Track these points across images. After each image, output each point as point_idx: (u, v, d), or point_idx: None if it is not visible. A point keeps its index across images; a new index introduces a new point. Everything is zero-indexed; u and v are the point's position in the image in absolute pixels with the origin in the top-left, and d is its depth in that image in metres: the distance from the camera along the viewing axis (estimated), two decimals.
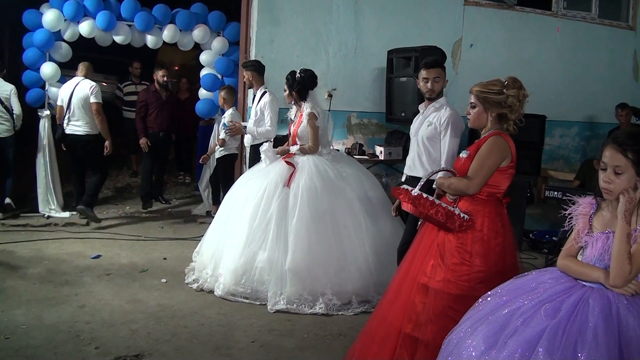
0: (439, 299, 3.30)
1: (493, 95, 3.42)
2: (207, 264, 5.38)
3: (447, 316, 3.21)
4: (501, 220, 3.44)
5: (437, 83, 4.63)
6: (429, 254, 3.45)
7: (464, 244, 3.33)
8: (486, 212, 3.39)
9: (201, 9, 8.09)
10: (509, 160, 3.41)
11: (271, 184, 5.22)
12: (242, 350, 4.15)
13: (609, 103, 8.94)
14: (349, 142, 8.04)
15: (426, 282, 3.37)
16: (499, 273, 3.25)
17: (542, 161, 8.19)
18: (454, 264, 3.32)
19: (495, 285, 2.91)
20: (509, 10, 8.86)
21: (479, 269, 3.29)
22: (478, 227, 3.35)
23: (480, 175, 3.38)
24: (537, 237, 7.08)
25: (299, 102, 5.51)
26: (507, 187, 3.48)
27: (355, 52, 7.97)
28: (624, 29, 9.82)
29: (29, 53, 7.45)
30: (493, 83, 3.45)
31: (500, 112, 3.44)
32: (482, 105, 3.49)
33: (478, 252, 3.31)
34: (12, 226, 7.06)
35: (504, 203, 3.52)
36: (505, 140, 3.41)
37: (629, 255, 2.31)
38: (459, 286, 3.28)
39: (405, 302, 3.44)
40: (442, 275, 3.33)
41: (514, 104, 3.40)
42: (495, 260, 3.33)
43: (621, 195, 2.39)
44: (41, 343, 4.07)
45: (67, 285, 5.24)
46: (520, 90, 3.42)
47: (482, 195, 3.42)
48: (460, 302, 3.20)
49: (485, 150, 3.40)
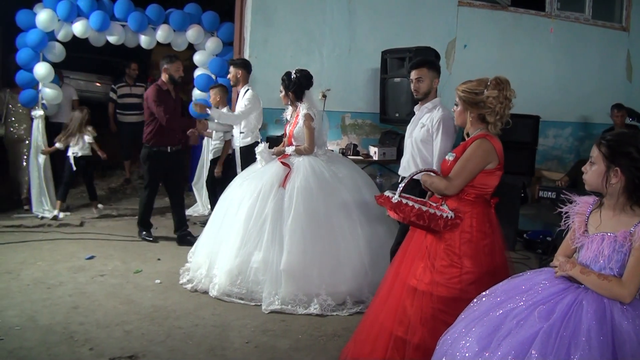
0: (428, 302, 3.28)
1: (472, 95, 3.37)
2: (202, 264, 5.38)
3: (438, 319, 3.21)
4: (489, 220, 3.42)
5: (421, 83, 4.64)
6: (419, 255, 3.42)
7: (451, 245, 3.31)
8: (474, 213, 3.37)
9: (195, 9, 8.07)
10: (495, 163, 3.36)
11: (266, 185, 5.22)
12: (237, 350, 4.15)
13: (602, 104, 8.98)
14: (343, 142, 8.04)
15: (415, 285, 3.35)
16: (489, 274, 3.25)
17: (536, 161, 8.20)
18: (443, 266, 3.30)
19: (485, 286, 2.92)
20: (502, 10, 8.88)
21: (469, 270, 3.27)
22: (466, 229, 3.33)
23: (461, 177, 3.33)
24: (531, 237, 7.10)
25: (295, 103, 5.52)
26: (496, 187, 3.45)
27: (349, 53, 7.98)
28: (618, 29, 9.85)
29: (22, 53, 7.42)
30: (476, 83, 3.40)
31: (480, 113, 3.39)
32: (462, 105, 3.46)
33: (467, 254, 3.29)
34: (6, 227, 7.03)
35: (492, 204, 3.49)
36: (491, 143, 3.35)
37: (609, 279, 2.38)
38: (448, 289, 3.26)
39: (396, 304, 3.43)
40: (430, 277, 3.31)
41: (492, 105, 3.32)
42: (484, 261, 3.31)
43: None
44: (35, 344, 4.05)
45: (60, 286, 5.22)
46: (503, 91, 3.32)
47: (469, 197, 3.39)
48: (450, 304, 3.20)
49: (468, 153, 3.36)
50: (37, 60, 7.46)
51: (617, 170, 2.43)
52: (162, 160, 6.61)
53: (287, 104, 5.65)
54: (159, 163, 6.61)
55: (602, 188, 2.50)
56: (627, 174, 2.42)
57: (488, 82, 3.36)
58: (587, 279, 2.42)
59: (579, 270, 2.46)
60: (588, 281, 2.41)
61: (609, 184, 2.46)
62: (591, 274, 2.42)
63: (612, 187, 2.46)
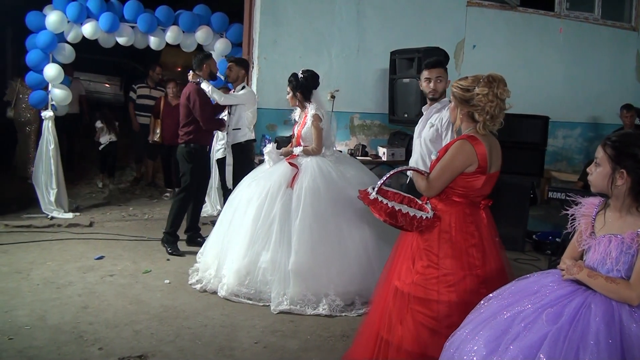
0: (406, 302, 3.22)
1: (460, 91, 3.24)
2: (211, 264, 5.39)
3: (416, 320, 3.17)
4: (474, 221, 3.27)
5: (439, 83, 4.64)
6: (404, 256, 3.37)
7: (430, 246, 3.23)
8: (453, 211, 3.24)
9: (204, 11, 8.10)
10: (475, 166, 3.17)
11: (274, 185, 5.23)
12: (246, 351, 4.15)
13: (612, 104, 8.94)
14: (352, 143, 8.05)
15: (397, 286, 3.30)
16: (477, 277, 3.17)
17: (545, 162, 8.18)
18: (422, 267, 3.23)
19: (473, 290, 2.88)
20: (511, 11, 8.87)
21: (447, 271, 3.16)
22: (445, 228, 3.23)
23: (440, 179, 3.22)
24: (540, 239, 7.07)
25: (304, 103, 5.52)
26: (486, 190, 3.30)
27: (357, 53, 7.98)
28: (627, 29, 9.82)
29: (32, 55, 7.47)
30: (471, 80, 3.24)
31: (469, 111, 3.24)
32: (454, 101, 3.33)
33: (447, 254, 3.19)
34: (16, 227, 7.07)
35: (483, 205, 3.35)
36: (471, 145, 3.16)
37: (617, 282, 2.36)
38: (425, 290, 3.18)
39: (383, 306, 3.39)
40: (411, 278, 3.25)
41: (482, 103, 3.15)
42: (470, 263, 3.19)
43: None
44: (44, 344, 4.07)
45: (70, 286, 5.24)
46: (493, 89, 3.13)
47: (453, 197, 3.27)
48: (426, 306, 3.15)
49: (447, 155, 3.22)
50: (47, 61, 7.50)
51: (623, 172, 2.41)
52: (203, 159, 6.61)
53: (294, 105, 5.65)
54: (201, 162, 6.56)
55: (607, 190, 2.48)
56: (632, 175, 2.40)
57: (481, 79, 3.20)
58: (594, 282, 2.41)
59: (586, 273, 2.45)
60: (596, 284, 2.40)
61: (615, 186, 2.44)
62: (598, 277, 2.40)
63: (618, 188, 2.44)
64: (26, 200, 8.00)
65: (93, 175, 10.26)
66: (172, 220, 6.43)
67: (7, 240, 6.54)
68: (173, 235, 6.45)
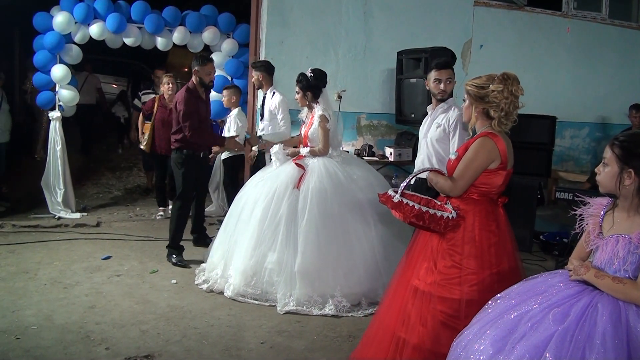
0: (428, 302, 3.24)
1: (475, 89, 3.30)
2: (217, 265, 5.40)
3: (437, 320, 3.19)
4: (495, 219, 3.32)
5: (449, 84, 4.65)
6: (423, 256, 3.38)
7: (454, 245, 3.25)
8: (477, 210, 3.28)
9: (211, 11, 8.11)
10: (497, 162, 3.25)
11: (281, 186, 5.22)
12: (252, 351, 4.15)
13: (619, 104, 8.89)
14: (359, 143, 8.03)
15: (417, 285, 3.32)
16: (494, 275, 3.19)
17: (553, 162, 8.14)
18: (445, 267, 3.25)
19: (490, 288, 2.88)
20: (519, 10, 8.83)
21: (471, 271, 3.20)
22: (469, 227, 3.26)
23: (465, 177, 3.26)
24: (547, 239, 7.03)
25: (312, 103, 5.51)
26: (503, 187, 3.35)
27: (364, 53, 7.97)
28: (635, 29, 9.76)
29: (39, 55, 7.49)
30: (485, 78, 3.31)
31: (484, 108, 3.29)
32: (469, 99, 3.38)
33: (470, 254, 3.22)
34: (23, 227, 7.10)
35: (500, 203, 3.40)
36: (493, 141, 3.24)
37: (624, 282, 2.35)
38: (449, 289, 3.21)
39: (400, 305, 3.40)
40: (432, 278, 3.26)
41: (497, 100, 3.22)
42: (489, 261, 3.22)
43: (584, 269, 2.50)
44: (51, 343, 4.09)
45: (77, 286, 5.26)
46: (508, 86, 3.22)
47: (472, 196, 3.32)
48: (450, 306, 3.17)
49: (470, 153, 3.27)
50: (54, 62, 7.53)
51: (631, 172, 2.40)
52: (195, 165, 6.16)
53: (304, 105, 5.64)
54: (193, 168, 6.13)
55: (615, 190, 2.47)
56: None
57: (495, 77, 3.28)
58: (601, 282, 2.40)
59: (594, 274, 2.43)
60: (603, 285, 2.39)
61: (623, 186, 2.43)
62: (605, 277, 2.39)
63: (626, 188, 2.43)
64: (34, 201, 8.02)
65: (100, 175, 10.29)
66: (172, 235, 6.13)
67: (15, 240, 6.58)
68: (176, 247, 6.13)
